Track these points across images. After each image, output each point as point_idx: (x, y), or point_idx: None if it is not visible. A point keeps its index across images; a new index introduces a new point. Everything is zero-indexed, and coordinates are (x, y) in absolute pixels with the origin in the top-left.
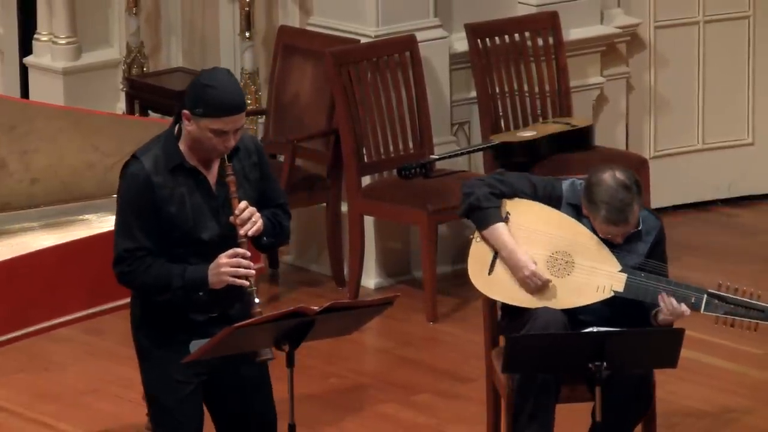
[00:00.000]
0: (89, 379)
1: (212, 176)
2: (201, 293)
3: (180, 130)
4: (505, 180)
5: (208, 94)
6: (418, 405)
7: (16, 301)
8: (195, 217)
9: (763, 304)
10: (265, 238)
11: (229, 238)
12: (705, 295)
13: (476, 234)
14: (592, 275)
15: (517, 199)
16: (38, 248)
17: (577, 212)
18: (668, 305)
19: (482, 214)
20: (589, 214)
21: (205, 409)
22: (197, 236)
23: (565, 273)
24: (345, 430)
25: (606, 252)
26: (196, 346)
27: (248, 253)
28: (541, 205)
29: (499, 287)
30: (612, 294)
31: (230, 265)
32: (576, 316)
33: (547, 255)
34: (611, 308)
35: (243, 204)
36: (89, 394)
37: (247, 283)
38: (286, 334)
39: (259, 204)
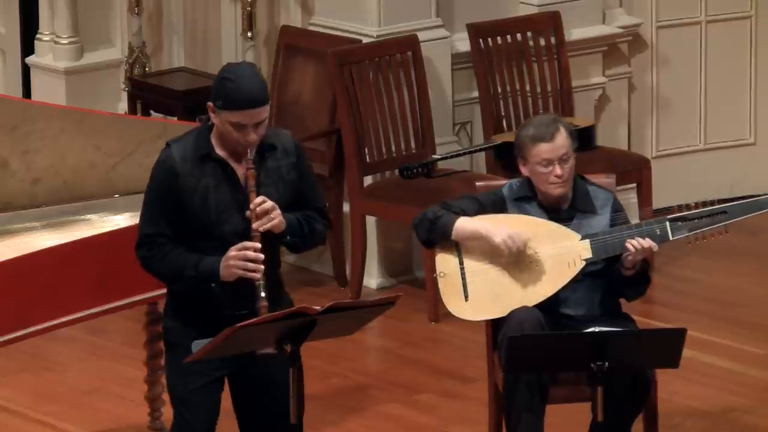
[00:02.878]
0: (91, 379)
1: (241, 170)
2: (213, 284)
3: None
4: (449, 203)
5: (226, 88)
6: (420, 405)
7: (19, 301)
8: (218, 208)
9: (722, 205)
10: (288, 237)
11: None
12: (667, 223)
13: (438, 270)
14: (559, 255)
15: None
16: (40, 248)
17: (521, 206)
18: (635, 246)
19: (440, 223)
20: (525, 160)
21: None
22: (219, 229)
23: (534, 265)
24: (347, 430)
25: (563, 229)
26: (198, 345)
27: (258, 246)
28: (488, 216)
29: (482, 306)
30: (584, 263)
31: (238, 258)
32: (558, 310)
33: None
34: (589, 295)
35: (260, 198)
36: (91, 394)
37: (257, 275)
38: (288, 334)
39: (296, 205)
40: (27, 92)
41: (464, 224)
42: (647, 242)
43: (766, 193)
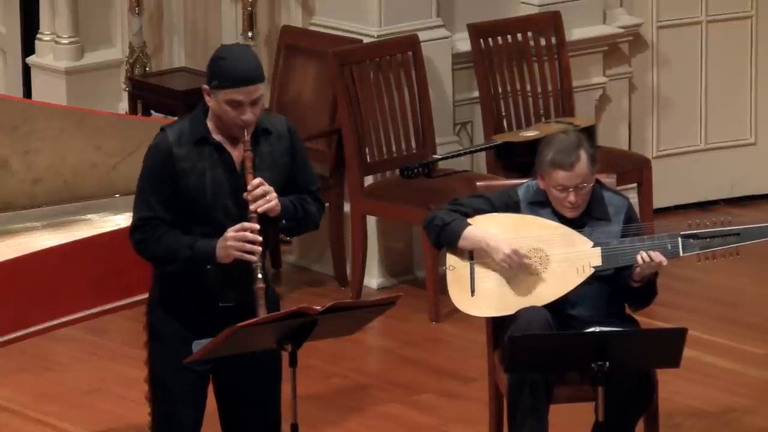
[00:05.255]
0: (92, 378)
1: (237, 154)
2: (209, 266)
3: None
4: (461, 202)
5: (220, 66)
6: (421, 405)
7: (19, 301)
8: (213, 192)
9: (736, 227)
10: (284, 221)
11: (246, 218)
12: (679, 238)
13: (448, 263)
14: (569, 260)
15: (476, 216)
16: (40, 248)
17: (535, 210)
18: (644, 258)
19: (449, 229)
20: (542, 177)
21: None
22: (214, 212)
23: (543, 268)
24: (347, 430)
25: (575, 234)
26: (198, 345)
27: (257, 227)
28: (500, 215)
29: (487, 303)
30: (593, 270)
31: (236, 239)
32: (565, 311)
33: None
34: (596, 298)
35: (257, 180)
36: (92, 394)
37: (254, 258)
38: (288, 334)
39: (289, 189)
40: (27, 92)
41: (471, 235)
42: (657, 256)
43: (767, 193)
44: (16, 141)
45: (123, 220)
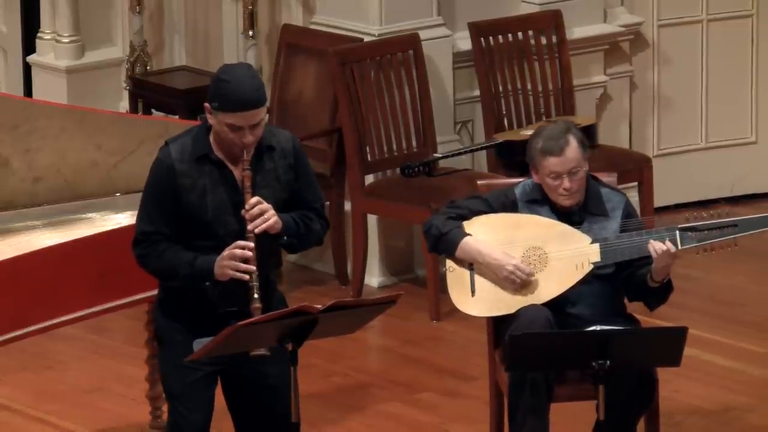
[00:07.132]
0: (93, 377)
1: (239, 171)
2: (207, 283)
3: None
4: (459, 204)
5: (222, 89)
6: (421, 403)
7: (20, 299)
8: (214, 209)
9: (734, 218)
10: (285, 238)
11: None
12: (677, 231)
13: (447, 264)
14: (568, 257)
15: (474, 218)
16: (41, 247)
17: (533, 208)
18: (656, 249)
19: (447, 238)
20: (535, 170)
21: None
22: (215, 229)
23: (542, 266)
24: (348, 428)
25: (574, 231)
26: (199, 344)
27: (251, 246)
28: (497, 215)
29: (488, 303)
30: (592, 267)
31: (231, 258)
32: (565, 310)
33: (519, 256)
34: (597, 296)
35: (254, 199)
36: (92, 393)
37: (247, 277)
38: (289, 332)
39: (293, 206)
40: (28, 91)
41: (468, 247)
42: (667, 244)
43: (767, 191)
44: (17, 140)
45: (124, 218)
